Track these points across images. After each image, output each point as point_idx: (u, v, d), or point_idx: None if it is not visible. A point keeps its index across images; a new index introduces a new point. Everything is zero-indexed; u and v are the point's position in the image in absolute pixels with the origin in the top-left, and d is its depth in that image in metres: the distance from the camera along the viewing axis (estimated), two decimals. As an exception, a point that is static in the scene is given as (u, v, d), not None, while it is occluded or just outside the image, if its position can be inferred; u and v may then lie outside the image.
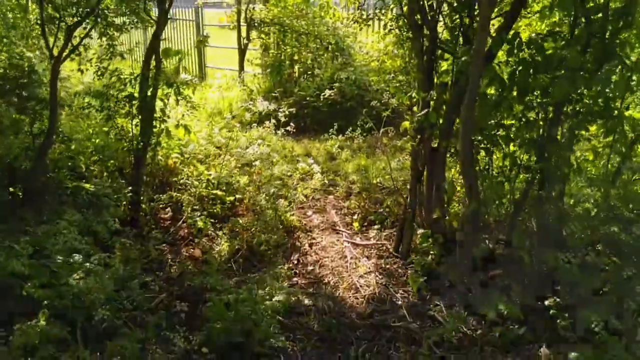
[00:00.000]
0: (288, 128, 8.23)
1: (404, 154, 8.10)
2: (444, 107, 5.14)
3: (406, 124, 5.98)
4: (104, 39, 6.63)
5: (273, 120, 8.35)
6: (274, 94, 10.60)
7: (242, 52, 12.15)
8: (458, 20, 5.15)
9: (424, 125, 5.09)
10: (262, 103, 8.50)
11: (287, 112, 7.67)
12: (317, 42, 11.47)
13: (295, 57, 11.69)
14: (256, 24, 11.83)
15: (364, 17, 6.97)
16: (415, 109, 5.93)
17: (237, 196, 6.62)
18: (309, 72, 11.27)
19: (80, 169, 6.53)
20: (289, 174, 7.35)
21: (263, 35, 11.95)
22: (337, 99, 9.96)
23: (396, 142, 7.88)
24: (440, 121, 5.16)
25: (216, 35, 17.50)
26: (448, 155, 5.48)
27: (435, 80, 5.37)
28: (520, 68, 4.68)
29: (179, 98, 6.41)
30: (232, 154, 7.61)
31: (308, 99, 10.07)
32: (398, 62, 7.01)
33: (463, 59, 4.67)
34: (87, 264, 4.26)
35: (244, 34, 12.06)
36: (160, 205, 6.46)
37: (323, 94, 7.73)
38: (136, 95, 6.08)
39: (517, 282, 4.82)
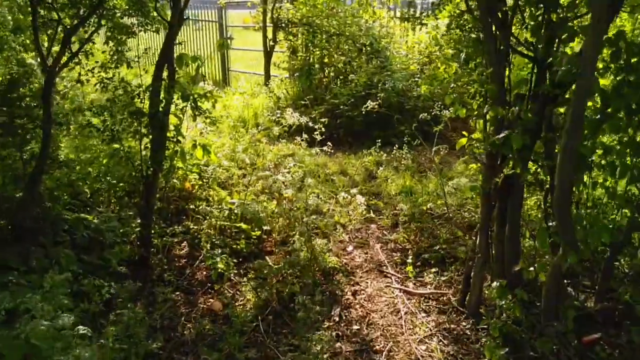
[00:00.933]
0: (323, 146, 7.20)
1: (459, 174, 7.02)
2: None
3: (463, 141, 4.96)
4: (110, 43, 5.70)
5: (305, 135, 7.30)
6: (303, 102, 9.56)
7: (268, 55, 11.12)
8: (541, 15, 4.05)
9: (502, 149, 4.00)
10: (292, 115, 7.46)
11: (322, 128, 6.54)
12: (350, 44, 10.41)
13: (326, 60, 10.64)
14: (283, 25, 10.80)
15: (415, 14, 5.86)
16: (476, 124, 4.89)
17: (265, 228, 5.60)
18: (342, 77, 10.20)
19: (83, 197, 5.57)
20: (324, 200, 6.29)
21: (291, 37, 10.93)
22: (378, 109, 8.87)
23: (448, 159, 6.79)
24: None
25: (241, 37, 16.56)
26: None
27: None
28: (632, 78, 3.59)
29: (196, 113, 5.41)
30: (258, 176, 6.59)
31: (341, 107, 9.00)
32: (453, 67, 5.91)
33: (563, 67, 3.56)
34: (71, 341, 3.25)
35: (270, 35, 11.04)
36: (175, 240, 5.45)
37: (365, 106, 6.59)
38: (146, 110, 5.10)
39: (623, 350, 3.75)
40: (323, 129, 6.39)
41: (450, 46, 9.52)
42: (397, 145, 7.82)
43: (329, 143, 8.97)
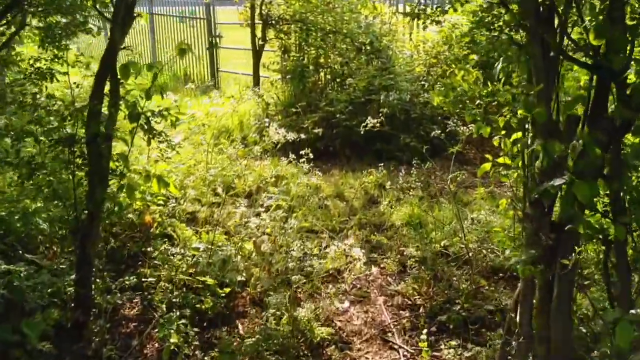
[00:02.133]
0: (318, 160, 6.06)
1: (478, 201, 5.84)
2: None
3: (486, 167, 3.90)
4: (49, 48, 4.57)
5: (293, 155, 6.12)
6: (294, 109, 8.35)
7: (257, 55, 9.91)
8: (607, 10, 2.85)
9: (561, 203, 2.81)
10: (277, 131, 6.28)
11: (309, 153, 5.40)
12: (348, 43, 9.20)
13: (321, 61, 9.42)
14: (273, 22, 9.58)
15: (425, 10, 4.67)
16: (502, 142, 3.77)
17: (239, 278, 4.41)
18: (338, 80, 9.00)
19: (11, 240, 4.40)
20: (315, 238, 5.12)
21: (282, 35, 9.71)
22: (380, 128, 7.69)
23: (464, 178, 5.61)
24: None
25: (232, 34, 15.33)
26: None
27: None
28: None
29: (149, 136, 4.26)
30: (230, 212, 5.42)
31: (338, 116, 7.79)
32: (473, 75, 4.70)
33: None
34: None
35: (259, 33, 9.83)
36: (125, 296, 4.27)
37: (364, 125, 5.39)
38: (81, 136, 3.93)
39: None
40: (310, 154, 5.14)
41: (461, 46, 8.35)
42: (402, 161, 6.64)
43: (322, 154, 7.88)
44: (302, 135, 7.60)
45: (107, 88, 4.05)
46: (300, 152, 5.79)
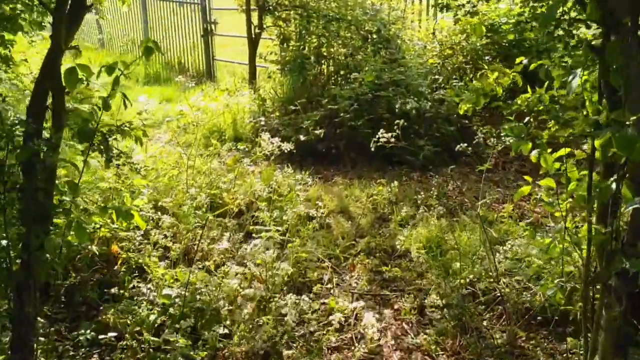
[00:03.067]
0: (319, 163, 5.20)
1: (507, 224, 4.95)
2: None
3: (525, 190, 3.18)
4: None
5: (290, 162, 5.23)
6: (294, 106, 7.43)
7: (253, 44, 8.95)
8: None
9: None
10: (270, 141, 5.40)
11: (307, 180, 4.52)
12: (353, 31, 8.25)
13: (324, 52, 8.48)
14: (271, 8, 8.62)
15: None
16: (542, 159, 3.01)
17: (220, 331, 3.53)
18: (343, 73, 8.06)
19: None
20: (313, 274, 4.25)
21: (280, 23, 8.76)
22: (395, 143, 6.77)
23: (487, 189, 4.72)
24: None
25: (229, 20, 14.35)
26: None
27: None
28: None
29: (109, 156, 3.39)
30: (222, 226, 4.54)
31: (342, 114, 6.86)
32: (509, 77, 3.78)
33: None
34: None
35: (255, 21, 8.87)
36: (78, 356, 3.41)
37: (375, 140, 4.48)
38: (12, 161, 3.04)
39: None
40: (308, 178, 4.25)
41: (475, 34, 7.37)
42: (415, 166, 5.76)
43: (324, 157, 6.98)
44: (302, 137, 6.75)
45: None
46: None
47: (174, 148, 7.24)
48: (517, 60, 3.17)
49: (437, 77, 7.40)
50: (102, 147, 3.30)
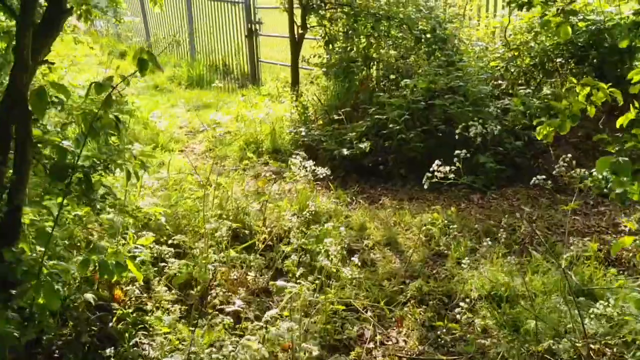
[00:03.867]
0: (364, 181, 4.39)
1: (591, 268, 4.04)
2: None
3: (627, 241, 2.96)
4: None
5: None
6: (337, 116, 6.64)
7: (295, 46, 8.20)
8: None
9: None
10: (301, 165, 4.65)
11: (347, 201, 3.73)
12: (404, 30, 7.40)
13: (372, 54, 7.66)
14: (314, 6, 7.85)
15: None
16: None
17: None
18: (393, 77, 7.23)
19: None
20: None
21: (325, 22, 7.98)
22: (439, 125, 5.92)
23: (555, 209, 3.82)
24: None
25: (274, 20, 13.67)
26: None
27: None
28: None
29: (91, 200, 2.71)
30: (246, 263, 3.81)
31: (391, 125, 6.03)
32: (602, 93, 2.89)
33: None
34: None
35: (298, 20, 8.12)
36: None
37: (432, 169, 3.67)
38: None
39: None
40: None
41: (549, 32, 6.39)
42: (474, 186, 4.90)
43: (370, 173, 6.18)
44: (345, 151, 5.97)
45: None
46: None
47: (207, 161, 6.59)
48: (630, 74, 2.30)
49: (500, 82, 6.47)
50: (83, 186, 2.58)
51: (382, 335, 3.57)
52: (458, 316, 3.50)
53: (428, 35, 7.20)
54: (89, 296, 3.41)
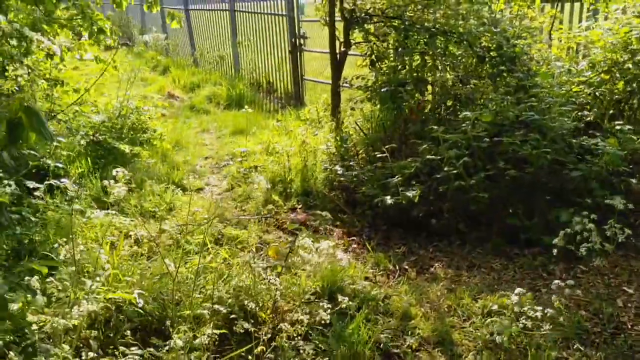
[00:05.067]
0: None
1: None
2: None
3: None
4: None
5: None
6: (382, 152, 5.39)
7: (337, 66, 7.00)
8: None
9: None
10: (318, 248, 3.46)
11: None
12: (464, 47, 6.10)
13: (426, 75, 6.38)
14: (359, 20, 6.65)
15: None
16: None
17: None
18: (451, 104, 5.95)
19: None
20: None
21: (372, 38, 6.76)
22: (507, 169, 4.60)
23: None
24: None
25: (321, 34, 12.57)
26: None
27: None
28: None
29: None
30: None
31: (447, 168, 4.74)
32: None
33: None
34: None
35: (340, 35, 6.93)
36: None
37: None
38: None
39: None
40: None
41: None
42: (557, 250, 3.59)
43: (423, 234, 4.90)
44: (389, 199, 4.74)
45: None
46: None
47: (226, 203, 5.48)
48: None
49: (585, 113, 5.09)
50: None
51: None
52: None
53: (493, 54, 5.88)
54: None
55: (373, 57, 6.72)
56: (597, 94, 5.15)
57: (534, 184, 4.62)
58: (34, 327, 2.67)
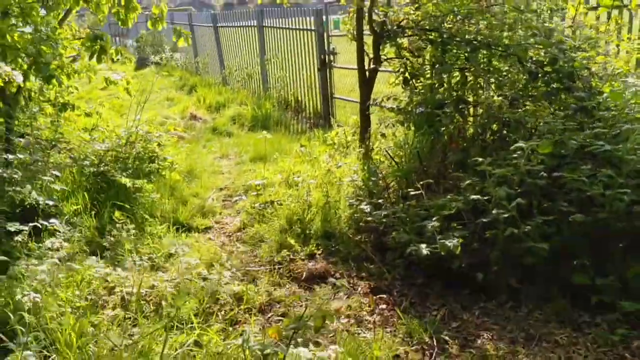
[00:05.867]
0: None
1: None
2: None
3: None
4: None
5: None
6: (415, 190, 4.50)
7: (366, 85, 6.19)
8: None
9: None
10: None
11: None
12: (512, 62, 5.19)
13: (467, 95, 5.50)
14: (391, 33, 5.82)
15: None
16: None
17: None
18: (495, 129, 5.04)
19: None
20: None
21: (406, 54, 5.92)
22: (570, 212, 3.67)
23: None
24: None
25: (351, 48, 11.78)
26: None
27: None
28: None
29: None
30: None
31: (495, 211, 3.83)
32: None
33: None
34: None
35: (369, 51, 6.12)
36: None
37: None
38: None
39: None
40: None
41: None
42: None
43: (466, 291, 3.97)
44: (424, 249, 3.88)
45: None
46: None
47: (236, 246, 4.70)
48: None
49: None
50: None
51: None
52: None
53: (547, 69, 4.96)
54: None
55: (407, 74, 5.88)
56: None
57: (606, 231, 3.68)
58: None
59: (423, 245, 3.89)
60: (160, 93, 13.06)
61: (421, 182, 4.40)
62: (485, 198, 3.97)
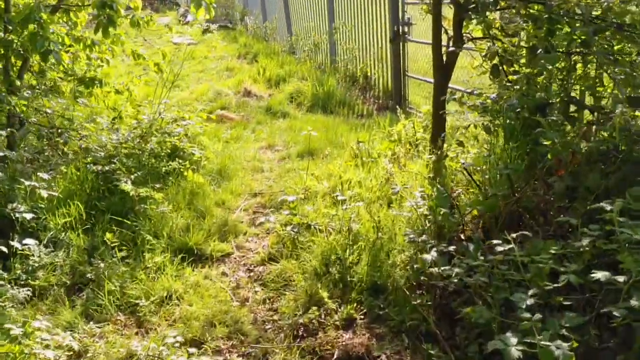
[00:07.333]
0: None
1: None
2: None
3: None
4: None
5: None
6: (501, 233, 3.07)
7: (442, 69, 4.70)
8: None
9: None
10: None
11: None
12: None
13: (581, 93, 3.92)
14: (478, 5, 4.27)
15: None
16: None
17: None
18: (627, 152, 3.47)
19: None
20: None
21: (496, 32, 4.39)
22: None
23: None
24: None
25: (425, 19, 10.09)
26: None
27: None
28: None
29: None
30: None
31: (636, 300, 2.38)
32: None
33: None
34: None
35: (449, 28, 4.62)
36: None
37: None
38: None
39: None
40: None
41: None
42: None
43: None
44: (515, 352, 2.48)
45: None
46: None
47: (253, 290, 3.47)
48: None
49: None
50: None
51: None
52: None
53: None
54: None
55: (497, 60, 4.34)
56: None
57: None
58: None
59: (513, 341, 2.50)
60: (220, 62, 11.93)
61: (512, 236, 2.93)
62: (613, 247, 2.51)
